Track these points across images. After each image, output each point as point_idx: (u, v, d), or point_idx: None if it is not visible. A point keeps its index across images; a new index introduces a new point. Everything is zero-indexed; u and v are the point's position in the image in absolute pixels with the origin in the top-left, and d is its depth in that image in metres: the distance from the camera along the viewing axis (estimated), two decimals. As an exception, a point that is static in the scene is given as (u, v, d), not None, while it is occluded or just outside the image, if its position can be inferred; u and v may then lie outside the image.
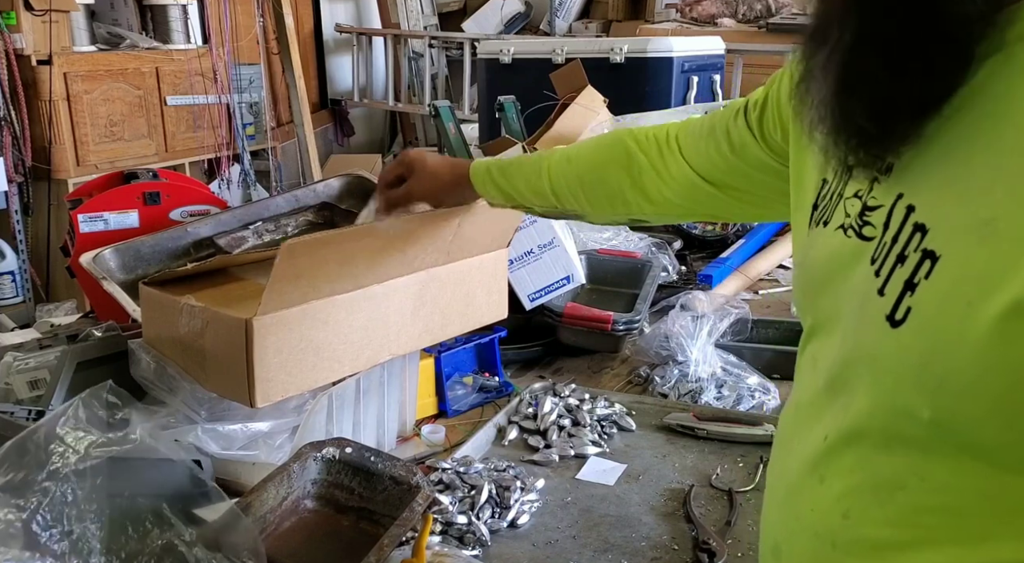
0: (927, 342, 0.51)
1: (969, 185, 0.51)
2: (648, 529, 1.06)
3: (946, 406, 0.50)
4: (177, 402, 1.13)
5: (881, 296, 0.54)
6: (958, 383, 0.49)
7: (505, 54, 3.34)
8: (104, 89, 3.78)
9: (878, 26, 0.52)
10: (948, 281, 0.50)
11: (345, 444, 1.05)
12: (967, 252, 0.49)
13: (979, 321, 0.47)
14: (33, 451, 0.83)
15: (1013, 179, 0.48)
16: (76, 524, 0.81)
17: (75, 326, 1.58)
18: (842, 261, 0.60)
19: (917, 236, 0.53)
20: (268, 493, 0.98)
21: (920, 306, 0.51)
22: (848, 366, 0.58)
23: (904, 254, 0.53)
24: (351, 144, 5.88)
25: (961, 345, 0.48)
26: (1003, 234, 0.47)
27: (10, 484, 0.81)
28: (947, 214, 0.52)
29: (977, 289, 0.48)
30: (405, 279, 1.17)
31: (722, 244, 2.15)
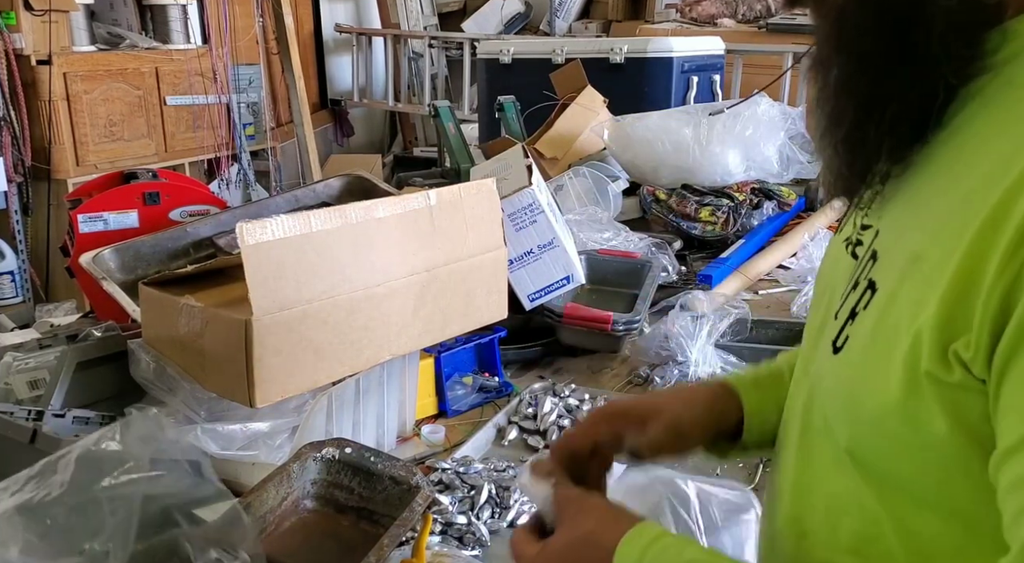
0: (852, 372, 0.52)
1: (919, 217, 0.51)
2: (648, 529, 1.05)
3: (859, 436, 0.51)
4: (177, 402, 1.13)
5: (835, 320, 0.55)
6: (869, 415, 0.50)
7: (505, 54, 3.35)
8: (104, 89, 3.78)
9: (855, 72, 0.53)
10: (876, 314, 0.50)
11: (345, 444, 1.04)
12: (894, 286, 0.50)
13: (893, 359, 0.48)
14: (61, 471, 0.82)
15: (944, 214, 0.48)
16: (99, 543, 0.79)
17: (75, 326, 1.58)
18: (839, 275, 0.60)
19: (870, 264, 0.54)
20: (268, 493, 0.98)
21: (854, 336, 0.52)
22: (811, 393, 0.59)
23: (858, 281, 0.54)
24: (351, 144, 5.88)
25: (876, 380, 0.49)
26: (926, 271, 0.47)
27: (32, 502, 0.79)
28: (893, 244, 0.53)
29: (894, 327, 0.48)
30: (406, 279, 1.17)
31: (722, 244, 2.15)
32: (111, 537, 0.79)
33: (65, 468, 0.81)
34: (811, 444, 0.59)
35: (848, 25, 0.52)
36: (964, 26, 0.48)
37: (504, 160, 1.77)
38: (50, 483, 0.80)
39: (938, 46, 0.48)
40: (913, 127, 0.52)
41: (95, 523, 0.79)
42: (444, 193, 1.22)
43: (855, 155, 0.55)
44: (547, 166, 2.48)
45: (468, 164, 2.73)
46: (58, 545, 0.78)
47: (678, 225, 2.21)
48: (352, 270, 1.10)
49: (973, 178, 0.47)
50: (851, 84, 0.53)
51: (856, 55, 0.52)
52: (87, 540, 0.78)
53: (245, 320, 0.99)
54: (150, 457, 0.84)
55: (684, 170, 2.28)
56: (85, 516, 0.79)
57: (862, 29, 0.51)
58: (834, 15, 0.54)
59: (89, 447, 0.83)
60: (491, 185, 1.30)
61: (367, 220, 1.11)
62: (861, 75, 0.52)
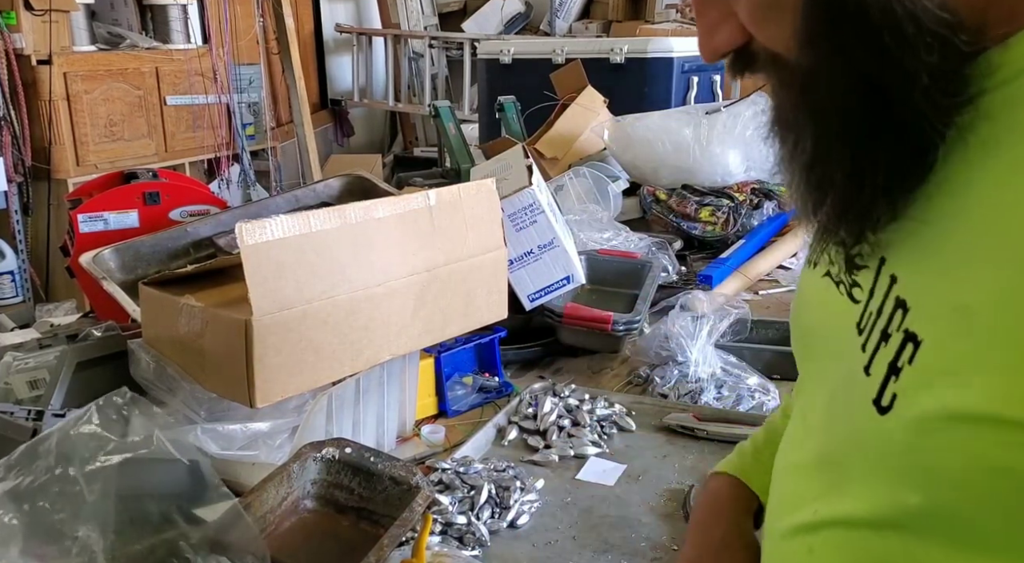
0: (913, 433, 0.48)
1: (946, 260, 0.48)
2: (648, 530, 1.05)
3: (936, 496, 0.48)
4: (177, 402, 1.13)
5: (867, 375, 0.51)
6: (946, 476, 0.46)
7: (505, 54, 3.35)
8: (104, 89, 3.79)
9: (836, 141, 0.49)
10: (930, 370, 0.47)
11: (345, 444, 1.05)
12: (944, 341, 0.46)
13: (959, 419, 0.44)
14: (44, 456, 0.83)
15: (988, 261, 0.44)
16: (82, 528, 0.80)
17: (75, 326, 1.58)
18: (832, 319, 0.57)
19: (899, 313, 0.50)
20: (268, 493, 0.98)
21: (905, 394, 0.48)
22: (838, 448, 0.56)
23: (888, 332, 0.50)
24: (351, 144, 5.88)
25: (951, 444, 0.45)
26: (978, 325, 0.44)
27: (16, 489, 0.81)
28: (927, 292, 0.49)
29: (955, 385, 0.45)
30: (406, 279, 1.17)
31: (722, 244, 2.15)
32: (90, 518, 0.80)
33: (47, 453, 0.83)
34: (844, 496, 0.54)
35: (819, 94, 0.48)
36: (947, 75, 0.45)
37: (504, 160, 1.77)
38: (34, 468, 0.82)
39: (922, 101, 0.45)
40: (907, 182, 0.49)
41: (75, 506, 0.81)
42: (444, 193, 1.22)
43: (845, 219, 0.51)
44: (547, 166, 2.48)
45: (468, 164, 2.73)
46: (49, 535, 0.79)
47: (678, 225, 2.21)
48: (352, 270, 1.10)
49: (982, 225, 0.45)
50: (833, 153, 0.49)
51: (834, 124, 0.49)
52: (71, 526, 0.80)
53: (245, 320, 0.99)
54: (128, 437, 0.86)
55: (684, 170, 2.28)
56: (67, 500, 0.81)
57: (837, 97, 0.48)
58: (800, 83, 0.49)
59: (68, 431, 0.85)
60: (491, 185, 1.30)
61: (367, 220, 1.11)
62: (844, 144, 0.49)
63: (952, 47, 0.45)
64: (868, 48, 0.45)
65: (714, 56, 0.54)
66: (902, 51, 0.44)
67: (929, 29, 0.44)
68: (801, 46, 0.48)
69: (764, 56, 0.53)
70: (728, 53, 0.54)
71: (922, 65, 0.45)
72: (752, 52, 0.53)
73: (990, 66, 0.46)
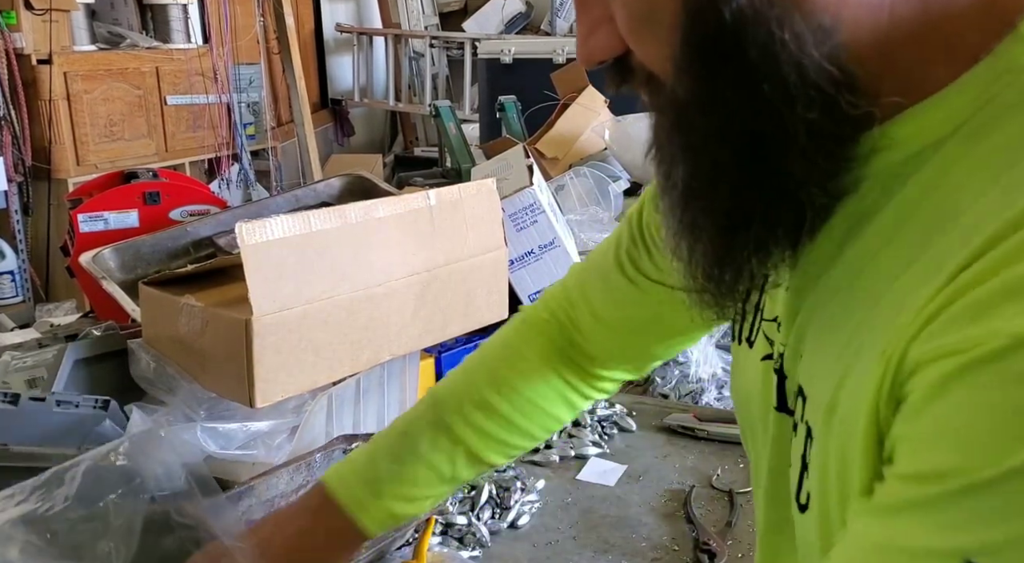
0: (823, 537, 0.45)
1: (825, 348, 0.45)
2: (648, 530, 1.05)
3: None
4: (176, 402, 1.12)
5: (790, 467, 0.49)
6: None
7: (506, 54, 3.35)
8: (104, 89, 3.78)
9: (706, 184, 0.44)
10: (820, 467, 0.44)
11: None
12: (822, 440, 0.44)
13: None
14: (68, 483, 0.81)
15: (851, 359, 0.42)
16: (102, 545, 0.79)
17: (75, 326, 1.58)
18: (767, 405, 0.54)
19: (800, 402, 0.47)
20: (280, 479, 0.99)
21: (813, 491, 0.46)
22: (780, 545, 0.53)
23: (796, 422, 0.47)
24: (351, 144, 5.88)
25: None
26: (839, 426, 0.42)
27: (34, 513, 0.78)
28: (814, 383, 0.46)
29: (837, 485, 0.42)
30: (406, 279, 1.17)
31: (723, 244, 2.14)
32: (113, 537, 0.79)
33: (72, 481, 0.80)
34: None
35: (692, 131, 0.43)
36: (829, 136, 0.40)
37: (505, 160, 1.76)
38: (55, 496, 0.79)
39: (798, 161, 0.40)
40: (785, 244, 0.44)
41: (99, 532, 0.79)
42: (444, 193, 1.22)
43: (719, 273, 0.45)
44: (548, 166, 2.47)
45: (469, 164, 2.73)
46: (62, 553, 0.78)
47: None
48: (352, 270, 1.09)
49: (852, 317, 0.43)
50: (704, 196, 0.44)
51: (705, 166, 0.43)
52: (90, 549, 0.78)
53: (245, 320, 0.99)
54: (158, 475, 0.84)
55: (685, 170, 2.27)
56: (90, 527, 0.79)
57: (709, 140, 0.42)
58: (673, 114, 0.44)
59: (97, 461, 0.83)
60: (491, 185, 1.30)
61: (367, 220, 1.11)
62: (714, 188, 0.43)
63: (836, 106, 0.39)
64: (743, 93, 0.40)
65: (590, 62, 0.47)
66: (780, 101, 0.39)
67: (812, 81, 0.39)
68: (676, 74, 0.42)
69: (641, 73, 0.46)
70: (605, 61, 0.47)
71: (800, 121, 0.39)
72: (630, 65, 0.47)
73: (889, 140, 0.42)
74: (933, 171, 0.41)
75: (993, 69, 0.40)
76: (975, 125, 0.40)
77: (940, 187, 0.40)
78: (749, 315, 0.57)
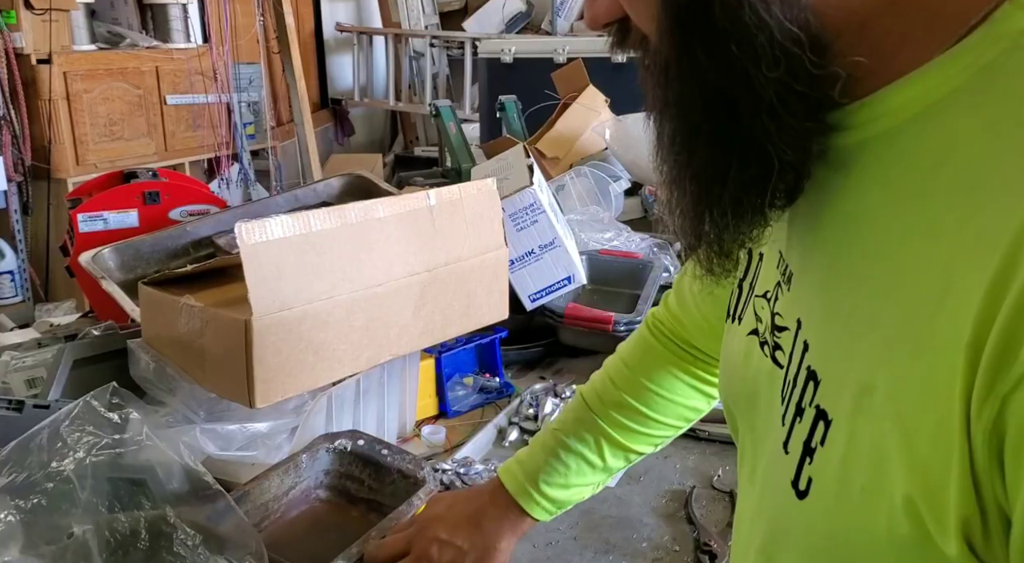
0: (832, 523, 0.45)
1: (850, 331, 0.44)
2: (649, 530, 1.05)
3: None
4: (176, 402, 1.12)
5: (786, 453, 0.48)
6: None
7: (506, 54, 3.34)
8: (104, 88, 3.78)
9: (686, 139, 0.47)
10: (840, 454, 0.43)
11: (358, 436, 1.06)
12: (851, 423, 0.43)
13: (877, 512, 0.41)
14: (35, 452, 0.84)
15: (892, 341, 0.41)
16: (76, 525, 0.81)
17: (74, 326, 1.58)
18: (760, 383, 0.54)
19: (811, 386, 0.46)
20: (272, 482, 0.99)
21: (820, 479, 0.45)
22: (768, 534, 0.53)
23: (801, 406, 0.47)
24: (351, 144, 5.87)
25: (865, 533, 0.42)
26: (880, 408, 0.41)
27: (11, 485, 0.81)
28: (834, 365, 0.45)
29: (867, 473, 0.41)
30: (406, 279, 1.16)
31: (723, 244, 2.14)
32: (84, 516, 0.80)
33: (39, 449, 0.83)
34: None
35: (672, 90, 0.46)
36: (796, 97, 0.42)
37: (505, 160, 1.76)
38: (27, 464, 0.82)
39: (768, 119, 0.42)
40: (759, 203, 0.45)
41: (69, 503, 0.81)
42: (444, 193, 1.21)
43: (698, 223, 0.48)
44: (548, 166, 2.47)
45: (469, 164, 2.73)
46: (45, 533, 0.79)
47: (679, 225, 2.20)
48: (352, 270, 1.09)
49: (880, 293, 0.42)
50: (684, 150, 0.47)
51: (682, 117, 0.46)
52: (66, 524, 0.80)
53: (245, 320, 0.99)
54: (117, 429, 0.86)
55: (685, 170, 2.27)
56: (61, 497, 0.81)
57: (687, 98, 0.45)
58: (658, 73, 0.47)
59: (58, 427, 0.85)
60: (491, 185, 1.29)
61: (367, 220, 1.11)
62: (692, 143, 0.46)
63: (801, 66, 0.41)
64: (714, 53, 0.42)
65: (595, 24, 0.52)
66: (748, 61, 0.41)
67: (778, 42, 0.41)
68: (659, 35, 0.45)
69: (635, 34, 0.50)
70: (608, 24, 0.51)
71: (767, 80, 0.41)
72: (628, 28, 0.51)
73: (883, 106, 0.43)
74: (937, 137, 0.41)
75: (990, 35, 0.40)
76: (975, 90, 0.40)
77: (952, 154, 0.40)
78: (744, 293, 0.59)
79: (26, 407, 1.05)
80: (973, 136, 0.40)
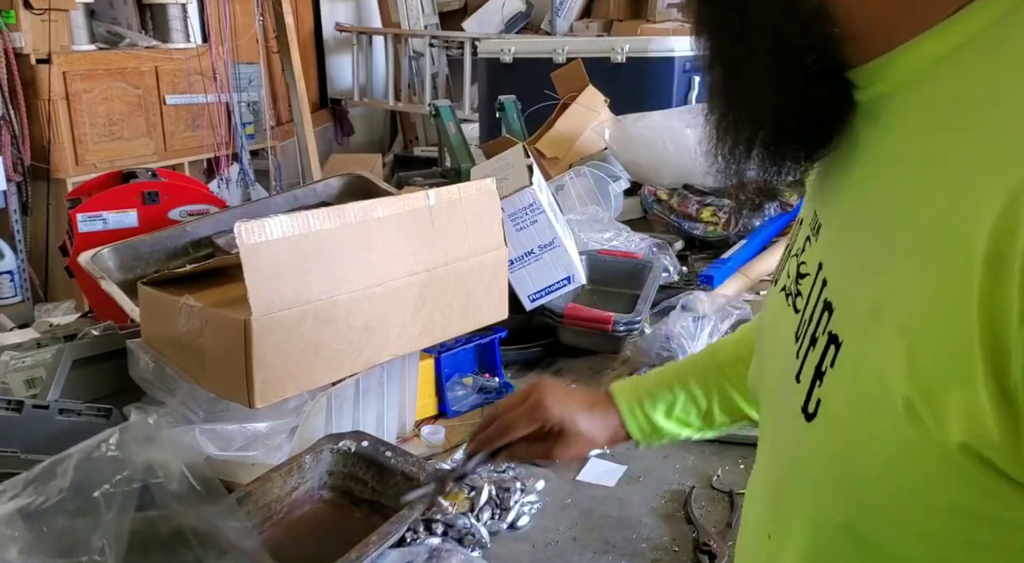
0: (837, 440, 0.46)
1: (867, 262, 0.46)
2: (649, 530, 1.05)
3: (860, 511, 0.46)
4: (175, 402, 1.12)
5: (797, 383, 0.50)
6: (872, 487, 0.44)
7: (506, 54, 3.34)
8: (103, 88, 3.78)
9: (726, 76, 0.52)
10: (849, 372, 0.45)
11: (362, 437, 1.06)
12: (861, 342, 0.45)
13: (881, 422, 0.42)
14: (61, 476, 0.82)
15: (901, 262, 0.43)
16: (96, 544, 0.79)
17: (73, 326, 1.58)
18: (779, 333, 0.56)
19: (825, 316, 0.49)
20: (274, 483, 0.99)
21: (828, 399, 0.47)
22: (781, 468, 0.54)
23: (815, 336, 0.49)
24: (351, 143, 5.87)
25: (868, 446, 0.44)
26: (886, 327, 0.42)
27: (31, 506, 0.80)
28: (849, 293, 0.48)
29: (874, 387, 0.43)
30: (405, 279, 1.16)
31: (723, 245, 2.14)
32: (106, 533, 0.79)
33: (64, 474, 0.81)
34: (787, 522, 0.53)
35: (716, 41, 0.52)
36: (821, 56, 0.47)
37: (505, 160, 1.76)
38: (49, 488, 0.81)
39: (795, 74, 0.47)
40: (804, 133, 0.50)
41: (92, 524, 0.80)
42: (444, 193, 1.21)
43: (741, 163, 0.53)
44: (548, 166, 2.47)
45: (469, 164, 2.73)
46: (57, 549, 0.78)
47: (679, 225, 2.20)
48: (351, 270, 1.09)
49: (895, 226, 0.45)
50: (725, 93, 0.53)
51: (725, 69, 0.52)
52: (84, 543, 0.78)
53: (244, 320, 0.99)
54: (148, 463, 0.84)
55: (685, 170, 2.27)
56: (84, 519, 0.80)
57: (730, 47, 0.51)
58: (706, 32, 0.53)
59: (89, 453, 0.83)
60: (491, 185, 1.29)
61: (366, 220, 1.11)
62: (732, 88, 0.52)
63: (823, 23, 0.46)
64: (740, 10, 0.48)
65: None
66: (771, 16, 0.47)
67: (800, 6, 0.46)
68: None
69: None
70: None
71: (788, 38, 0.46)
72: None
73: (887, 68, 0.47)
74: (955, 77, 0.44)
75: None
76: (995, 34, 0.42)
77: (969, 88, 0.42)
78: (786, 257, 0.62)
79: (25, 407, 1.05)
80: (990, 71, 0.42)
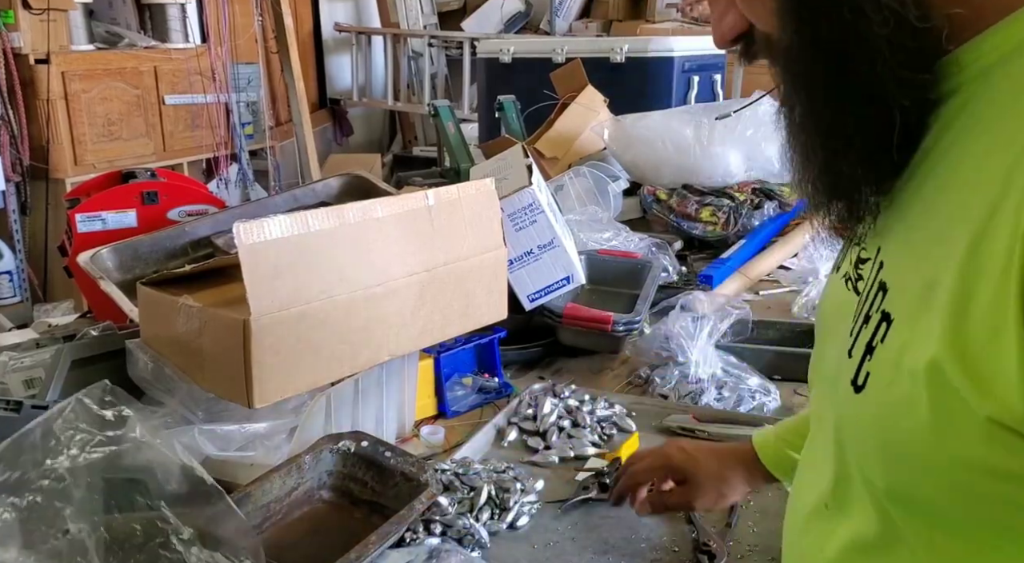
0: (882, 410, 0.49)
1: (924, 242, 0.50)
2: (648, 531, 1.05)
3: (900, 477, 0.49)
4: (174, 402, 1.12)
5: (849, 358, 0.53)
6: (912, 454, 0.47)
7: (505, 54, 3.34)
8: (102, 88, 3.78)
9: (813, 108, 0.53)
10: (897, 346, 0.48)
11: (362, 438, 1.06)
12: (912, 316, 0.48)
13: (920, 392, 0.45)
14: (29, 450, 0.84)
15: (954, 240, 0.46)
16: (72, 523, 0.80)
17: (72, 326, 1.58)
18: (840, 315, 0.59)
19: (879, 296, 0.52)
20: (273, 483, 0.99)
21: (876, 371, 0.50)
22: (836, 440, 0.57)
23: (869, 314, 0.52)
24: (350, 144, 5.87)
25: (909, 416, 0.47)
26: (940, 299, 0.45)
27: (6, 483, 0.81)
28: (902, 273, 0.51)
29: (917, 357, 0.46)
30: (405, 279, 1.16)
31: (723, 244, 2.14)
32: (80, 514, 0.80)
33: (32, 447, 0.83)
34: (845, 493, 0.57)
35: (795, 64, 0.53)
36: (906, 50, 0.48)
37: (504, 160, 1.76)
38: (21, 462, 0.82)
39: (883, 71, 0.48)
40: (884, 156, 0.52)
41: (64, 501, 0.81)
42: (443, 193, 1.21)
43: (834, 189, 0.55)
44: (547, 166, 2.47)
45: (468, 164, 2.73)
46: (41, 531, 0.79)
47: (679, 225, 2.20)
48: (351, 270, 1.09)
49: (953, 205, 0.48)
50: (812, 120, 0.54)
51: (809, 91, 0.53)
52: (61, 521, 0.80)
53: (243, 320, 0.99)
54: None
55: (685, 170, 2.27)
56: (56, 494, 0.81)
57: (808, 65, 0.52)
58: (782, 57, 0.54)
59: (51, 425, 0.85)
60: (490, 185, 1.29)
61: (366, 220, 1.11)
62: (819, 110, 0.53)
63: (905, 21, 0.47)
64: (830, 20, 0.49)
65: (723, 42, 0.60)
66: (859, 23, 0.47)
67: (885, 3, 0.47)
68: (779, 23, 0.52)
69: (761, 39, 0.57)
70: (735, 40, 0.59)
71: (876, 36, 0.47)
72: (753, 38, 0.58)
73: (959, 64, 0.49)
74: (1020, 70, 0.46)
75: None
76: None
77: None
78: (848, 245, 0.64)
79: (24, 408, 1.05)
80: None
